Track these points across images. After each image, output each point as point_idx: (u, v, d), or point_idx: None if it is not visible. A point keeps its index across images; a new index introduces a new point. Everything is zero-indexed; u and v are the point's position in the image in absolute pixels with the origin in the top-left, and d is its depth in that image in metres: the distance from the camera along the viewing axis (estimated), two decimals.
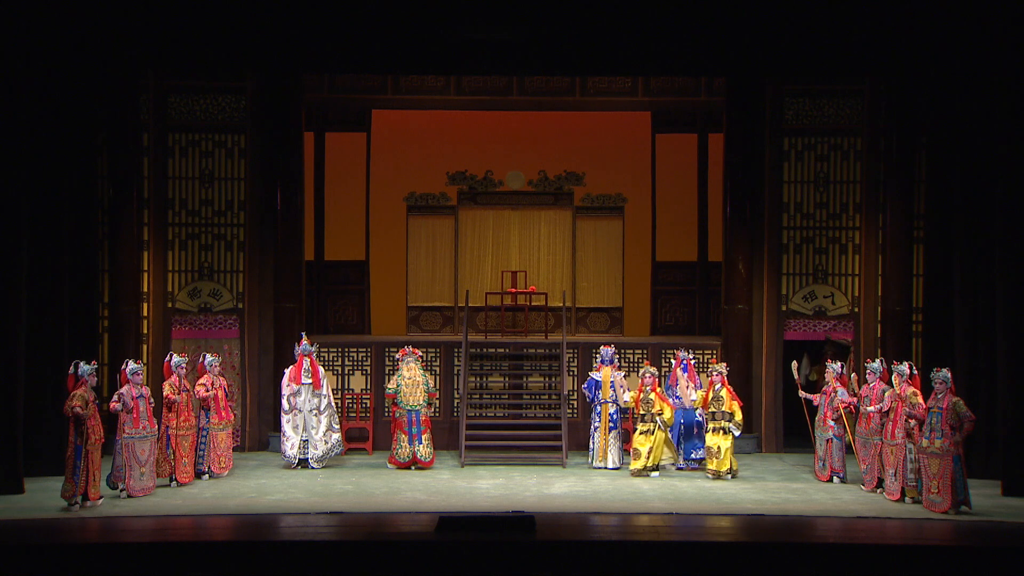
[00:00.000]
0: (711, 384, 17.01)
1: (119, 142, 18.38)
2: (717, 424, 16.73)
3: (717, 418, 16.75)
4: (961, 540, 13.04)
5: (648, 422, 16.75)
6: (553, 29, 17.58)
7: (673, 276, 21.91)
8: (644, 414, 16.81)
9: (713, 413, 16.81)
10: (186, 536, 13.10)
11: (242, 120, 19.32)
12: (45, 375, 16.13)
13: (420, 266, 21.41)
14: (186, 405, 16.10)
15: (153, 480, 15.34)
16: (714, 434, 16.70)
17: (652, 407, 16.82)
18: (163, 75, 18.96)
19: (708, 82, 20.69)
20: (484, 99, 20.84)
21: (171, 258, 19.19)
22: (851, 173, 19.49)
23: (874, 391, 15.86)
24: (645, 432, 16.74)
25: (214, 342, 19.04)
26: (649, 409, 16.80)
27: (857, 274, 19.49)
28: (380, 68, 19.87)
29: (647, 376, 16.98)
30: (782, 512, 14.40)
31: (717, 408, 16.79)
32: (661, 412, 16.79)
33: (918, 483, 14.81)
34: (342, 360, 19.51)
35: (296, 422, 17.25)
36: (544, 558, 11.66)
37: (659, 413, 16.77)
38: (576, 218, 21.50)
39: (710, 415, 16.86)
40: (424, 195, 21.39)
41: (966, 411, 14.35)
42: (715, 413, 16.79)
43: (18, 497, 14.99)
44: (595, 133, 21.79)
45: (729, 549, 12.29)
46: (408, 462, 17.22)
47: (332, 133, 21.73)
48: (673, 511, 14.43)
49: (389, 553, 11.82)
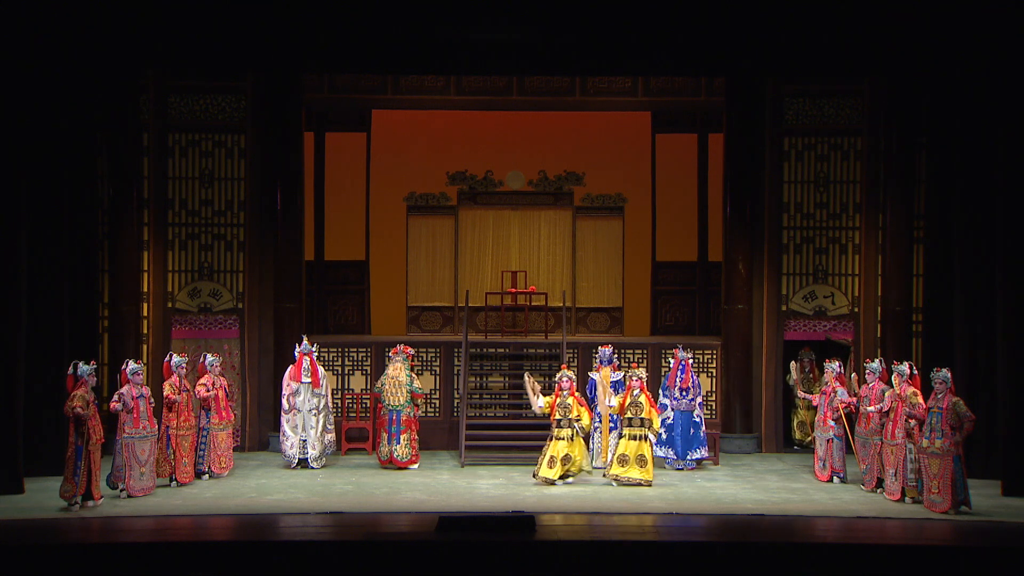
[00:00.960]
0: (629, 389, 16.15)
1: (119, 142, 18.38)
2: (634, 431, 15.91)
3: (634, 425, 15.94)
4: (961, 540, 13.03)
5: (565, 427, 15.96)
6: (553, 29, 17.57)
7: (673, 276, 21.92)
8: (561, 419, 15.98)
9: (630, 419, 15.99)
10: (186, 536, 13.09)
11: (242, 120, 19.32)
12: (45, 375, 16.11)
13: (420, 266, 21.41)
14: (186, 405, 16.09)
15: (153, 480, 15.34)
16: (631, 441, 15.88)
17: (570, 412, 16.02)
18: (163, 75, 18.96)
19: (708, 82, 20.68)
20: (484, 99, 20.84)
21: (171, 258, 19.20)
22: (851, 173, 19.50)
23: (873, 391, 15.87)
24: (562, 439, 15.92)
25: (214, 342, 19.04)
26: (566, 414, 16.01)
27: (857, 274, 19.49)
28: (380, 68, 19.85)
29: (564, 380, 16.19)
30: (782, 512, 14.40)
31: (635, 414, 15.99)
32: (579, 418, 16.04)
33: (918, 483, 14.81)
34: (342, 360, 19.51)
35: (295, 422, 17.25)
36: (544, 558, 11.65)
37: (577, 419, 16.02)
38: (576, 218, 21.51)
39: (626, 421, 16.01)
40: (424, 195, 21.39)
41: (966, 411, 14.35)
42: (632, 420, 15.99)
43: (18, 497, 14.99)
44: (595, 133, 21.80)
45: (729, 549, 12.28)
46: (386, 460, 17.22)
47: (332, 133, 21.74)
48: (673, 511, 14.43)
49: (389, 553, 11.80)
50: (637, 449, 15.87)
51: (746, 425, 19.27)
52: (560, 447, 15.94)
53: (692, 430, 17.30)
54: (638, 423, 15.95)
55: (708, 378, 19.53)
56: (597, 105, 21.05)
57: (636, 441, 15.90)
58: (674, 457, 17.28)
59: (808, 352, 19.19)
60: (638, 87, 20.82)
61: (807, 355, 19.14)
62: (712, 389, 19.53)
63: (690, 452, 17.30)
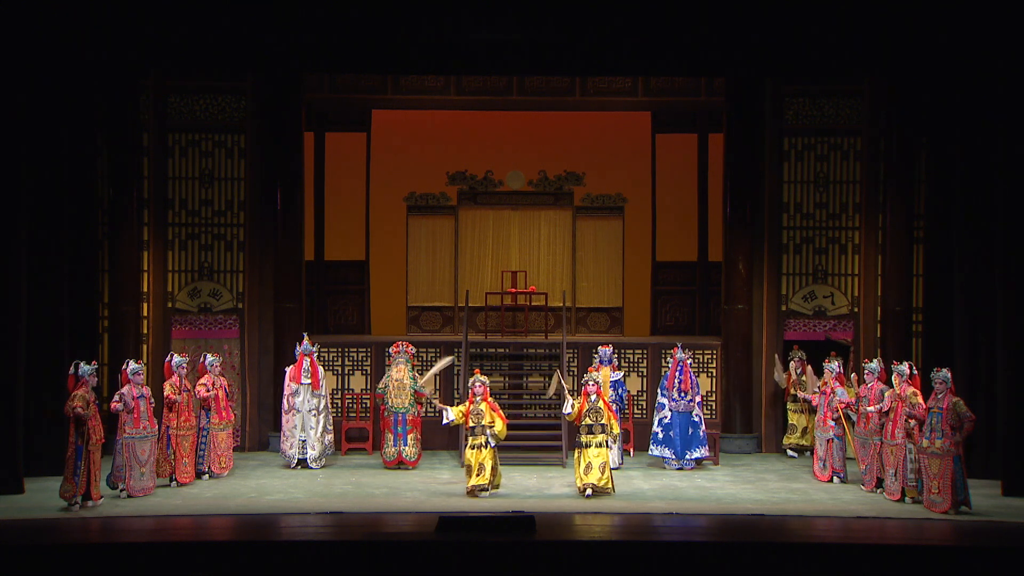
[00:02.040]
0: (586, 395, 15.40)
1: (119, 142, 18.38)
2: (595, 438, 15.24)
3: (595, 432, 15.25)
4: (961, 540, 13.03)
5: (479, 435, 15.31)
6: (553, 29, 17.58)
7: (673, 276, 21.92)
8: (475, 427, 15.30)
9: (590, 426, 15.26)
10: (186, 536, 13.09)
11: (242, 120, 19.33)
12: (45, 375, 16.11)
13: (420, 266, 21.41)
14: (186, 405, 16.10)
15: (153, 480, 15.34)
16: (593, 449, 15.16)
17: (482, 419, 15.32)
18: (163, 75, 18.96)
19: (708, 82, 20.68)
20: (484, 99, 20.84)
21: (171, 258, 19.20)
22: (851, 173, 19.51)
23: (872, 391, 15.87)
24: (476, 447, 15.24)
25: (214, 342, 19.05)
26: (479, 421, 15.33)
27: (857, 274, 19.50)
28: (380, 68, 19.86)
29: (477, 385, 15.49)
30: (782, 512, 14.40)
31: (595, 420, 15.28)
32: (492, 424, 15.30)
33: (918, 483, 14.81)
34: (342, 360, 19.52)
35: (295, 422, 17.26)
36: (544, 558, 11.65)
37: (491, 425, 15.30)
38: (576, 218, 21.50)
39: (586, 428, 15.27)
40: (424, 195, 21.39)
41: (966, 411, 14.35)
42: (592, 426, 15.26)
43: (18, 497, 14.99)
44: (595, 133, 21.80)
45: (729, 549, 12.28)
46: (394, 461, 17.29)
47: (332, 133, 21.74)
48: (673, 511, 14.43)
49: (389, 553, 11.81)
50: (599, 456, 15.17)
51: (746, 425, 19.27)
52: (475, 455, 15.24)
53: (691, 430, 17.29)
54: (599, 429, 15.29)
55: (708, 378, 19.53)
56: (597, 105, 21.05)
57: (598, 448, 15.20)
58: (672, 457, 17.27)
59: (798, 351, 18.89)
60: (638, 87, 20.83)
61: (798, 354, 18.85)
62: (712, 389, 19.53)
63: (689, 452, 17.29)
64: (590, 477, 15.12)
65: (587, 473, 15.15)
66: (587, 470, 15.16)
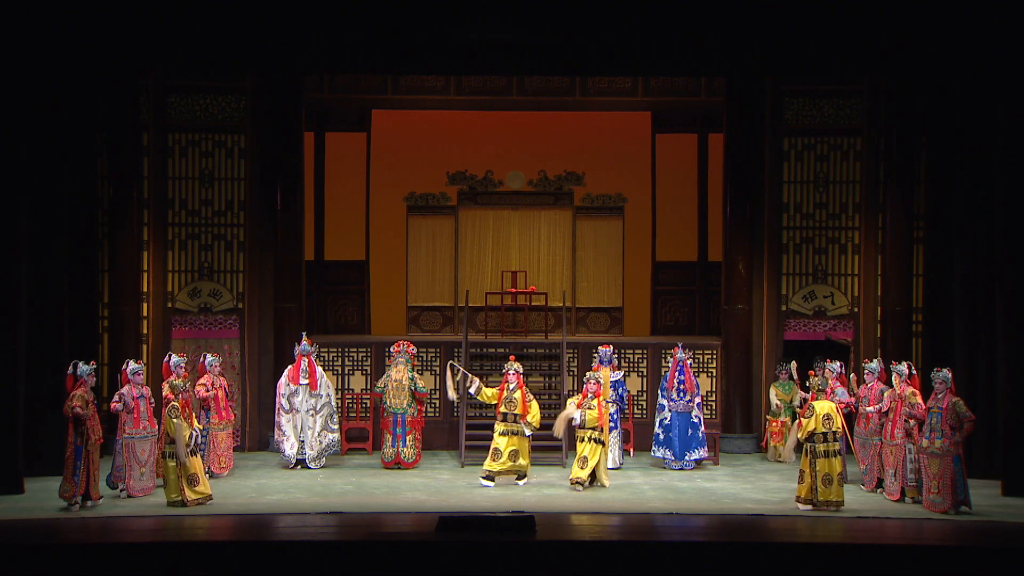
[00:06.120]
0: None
1: (119, 142, 18.37)
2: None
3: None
4: (961, 540, 13.03)
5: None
6: (553, 29, 17.58)
7: (673, 276, 21.92)
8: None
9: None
10: (186, 536, 13.10)
11: (242, 120, 19.32)
12: (45, 375, 16.11)
13: (420, 266, 21.39)
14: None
15: (153, 480, 15.33)
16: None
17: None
18: (163, 75, 18.95)
19: (708, 82, 20.68)
20: (484, 99, 20.84)
21: (171, 258, 19.19)
22: (851, 173, 19.50)
23: (872, 391, 15.88)
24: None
25: (214, 342, 19.04)
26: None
27: (857, 274, 19.50)
28: (380, 68, 19.85)
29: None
30: (782, 512, 14.40)
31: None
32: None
33: (918, 483, 14.81)
34: (342, 360, 19.51)
35: (295, 422, 17.26)
36: (544, 558, 11.65)
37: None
38: (576, 218, 21.48)
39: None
40: (424, 195, 21.37)
41: (966, 411, 14.35)
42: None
43: (18, 497, 15.00)
44: (595, 133, 21.79)
45: (729, 549, 12.28)
46: (391, 462, 17.29)
47: (332, 133, 21.74)
48: (673, 511, 14.43)
49: (389, 553, 11.81)
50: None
51: (746, 425, 19.26)
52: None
53: (690, 430, 17.29)
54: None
55: (708, 378, 19.53)
56: (597, 105, 21.06)
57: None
58: (672, 458, 17.27)
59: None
60: (638, 87, 20.83)
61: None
62: (712, 389, 19.52)
63: (689, 452, 17.29)
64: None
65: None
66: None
